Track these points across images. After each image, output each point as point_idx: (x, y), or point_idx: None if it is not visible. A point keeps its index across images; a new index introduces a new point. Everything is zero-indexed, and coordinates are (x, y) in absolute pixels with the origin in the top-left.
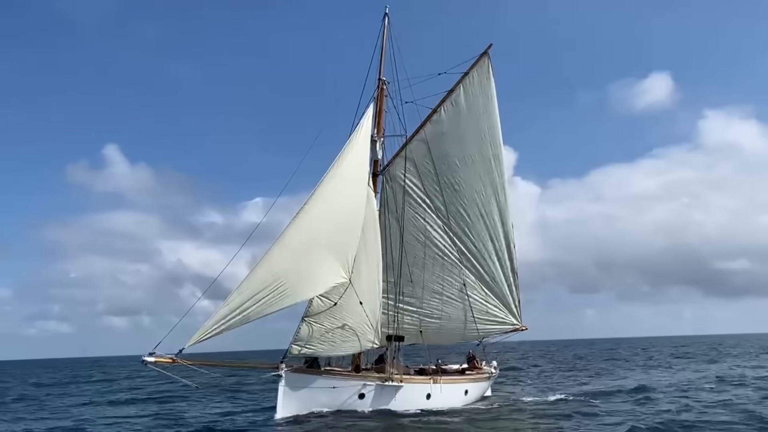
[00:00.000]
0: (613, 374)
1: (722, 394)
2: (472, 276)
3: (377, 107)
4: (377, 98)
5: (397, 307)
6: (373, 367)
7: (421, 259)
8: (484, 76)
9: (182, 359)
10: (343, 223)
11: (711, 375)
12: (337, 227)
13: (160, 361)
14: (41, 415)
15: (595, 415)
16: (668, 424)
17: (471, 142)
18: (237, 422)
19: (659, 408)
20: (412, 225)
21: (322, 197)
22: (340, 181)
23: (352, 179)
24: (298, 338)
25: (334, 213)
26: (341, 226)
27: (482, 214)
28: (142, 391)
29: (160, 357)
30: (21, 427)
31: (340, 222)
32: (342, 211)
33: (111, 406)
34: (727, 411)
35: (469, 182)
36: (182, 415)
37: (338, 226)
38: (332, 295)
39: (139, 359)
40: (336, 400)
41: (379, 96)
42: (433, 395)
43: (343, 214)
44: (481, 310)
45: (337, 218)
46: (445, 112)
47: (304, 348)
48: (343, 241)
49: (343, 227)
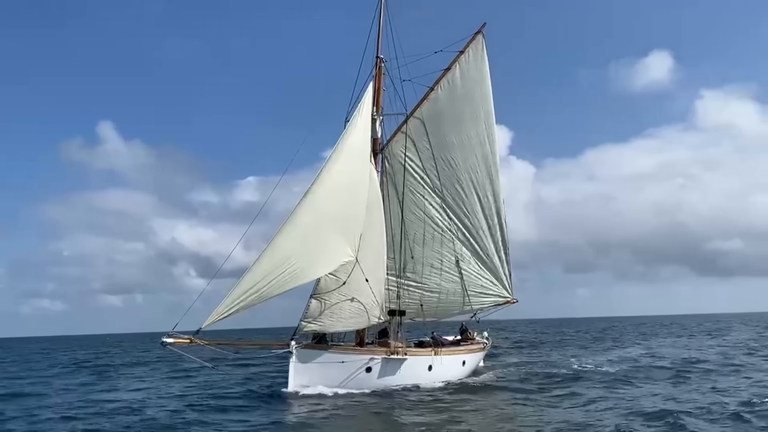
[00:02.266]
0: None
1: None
2: (467, 251)
3: (376, 85)
4: (376, 76)
5: (399, 283)
6: (376, 341)
7: (421, 236)
8: (479, 55)
9: (198, 339)
10: (349, 201)
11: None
12: (344, 205)
13: (178, 341)
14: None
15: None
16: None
17: (466, 120)
18: (250, 397)
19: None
20: (411, 202)
21: (328, 176)
22: (346, 160)
23: (357, 157)
24: (308, 315)
25: (341, 191)
26: (347, 204)
27: (476, 190)
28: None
29: (178, 338)
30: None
31: (346, 200)
32: (348, 190)
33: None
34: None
35: (464, 159)
36: (200, 389)
37: (345, 204)
38: (340, 273)
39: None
40: (344, 373)
41: (377, 74)
42: (434, 367)
43: (348, 192)
44: (475, 284)
45: (343, 196)
46: (442, 91)
47: (313, 324)
48: (350, 219)
49: (349, 205)
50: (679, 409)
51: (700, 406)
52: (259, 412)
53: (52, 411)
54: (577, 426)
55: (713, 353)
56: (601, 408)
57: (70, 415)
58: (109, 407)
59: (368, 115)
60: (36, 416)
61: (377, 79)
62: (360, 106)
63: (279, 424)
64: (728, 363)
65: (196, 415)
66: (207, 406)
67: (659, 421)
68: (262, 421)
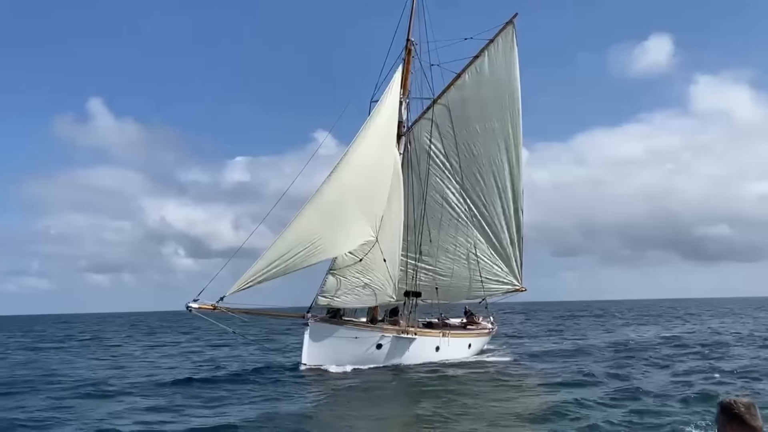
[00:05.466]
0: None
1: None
2: (482, 238)
3: (405, 68)
4: (405, 59)
5: (416, 266)
6: (387, 320)
7: (438, 220)
8: (509, 45)
9: (222, 307)
10: (374, 181)
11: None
12: (368, 185)
13: (202, 307)
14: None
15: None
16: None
17: (491, 109)
18: (266, 368)
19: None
20: (431, 187)
21: (355, 155)
22: (372, 140)
23: (383, 139)
24: (325, 290)
25: (366, 171)
26: (372, 184)
27: (496, 179)
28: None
29: (203, 304)
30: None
31: (371, 180)
32: (373, 170)
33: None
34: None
35: (487, 148)
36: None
37: (369, 184)
38: (357, 251)
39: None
40: (356, 349)
41: (407, 56)
42: (442, 348)
43: (373, 172)
44: (488, 271)
45: (368, 176)
46: (469, 78)
47: (330, 299)
48: (373, 199)
49: (373, 186)
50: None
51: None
52: (272, 384)
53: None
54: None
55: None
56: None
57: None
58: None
59: (396, 97)
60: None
61: (406, 62)
62: (389, 88)
63: (292, 397)
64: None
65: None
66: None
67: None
68: (277, 391)
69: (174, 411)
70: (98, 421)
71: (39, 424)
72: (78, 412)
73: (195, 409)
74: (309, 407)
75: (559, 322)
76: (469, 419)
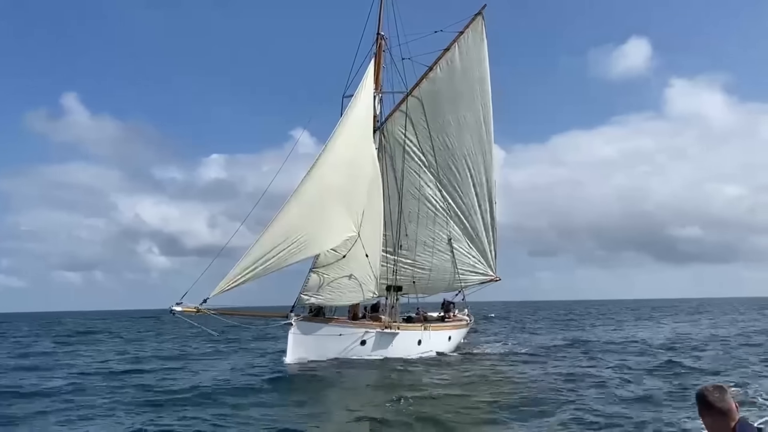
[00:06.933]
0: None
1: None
2: (458, 230)
3: (377, 62)
4: (376, 53)
5: (396, 260)
6: (369, 316)
7: (415, 214)
8: (478, 37)
9: (204, 309)
10: (353, 176)
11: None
12: (348, 181)
13: (186, 310)
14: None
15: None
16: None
17: (463, 101)
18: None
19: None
20: (408, 180)
21: (333, 151)
22: (350, 135)
23: (360, 133)
24: (307, 288)
25: (345, 166)
26: (351, 179)
27: (470, 171)
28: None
29: (186, 307)
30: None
31: (350, 175)
32: (351, 165)
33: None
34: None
35: (460, 140)
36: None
37: (348, 179)
38: (340, 248)
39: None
40: (340, 345)
41: (378, 51)
42: (423, 341)
43: (352, 167)
44: (464, 262)
45: (347, 171)
46: (441, 70)
47: (312, 297)
48: (353, 194)
49: (353, 181)
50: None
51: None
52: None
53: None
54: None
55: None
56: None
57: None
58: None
59: (370, 92)
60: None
61: (377, 57)
62: (362, 83)
63: (280, 395)
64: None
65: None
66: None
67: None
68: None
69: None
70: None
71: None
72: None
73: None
74: (294, 407)
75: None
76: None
